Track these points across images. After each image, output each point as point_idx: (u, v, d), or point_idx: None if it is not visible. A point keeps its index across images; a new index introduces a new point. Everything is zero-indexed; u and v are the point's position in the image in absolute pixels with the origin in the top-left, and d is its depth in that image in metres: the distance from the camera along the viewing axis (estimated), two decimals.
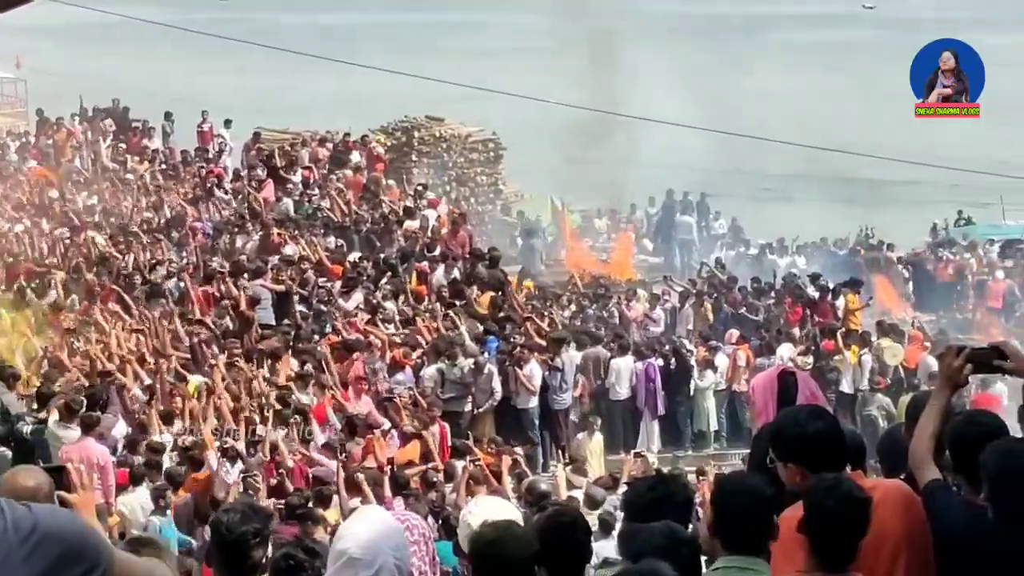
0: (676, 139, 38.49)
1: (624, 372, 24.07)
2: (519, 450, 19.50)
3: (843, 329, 26.37)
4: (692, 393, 24.69)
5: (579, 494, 16.40)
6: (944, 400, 5.92)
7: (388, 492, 16.15)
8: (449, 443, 19.50)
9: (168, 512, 15.77)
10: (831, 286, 29.31)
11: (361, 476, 16.09)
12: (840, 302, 28.45)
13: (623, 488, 15.55)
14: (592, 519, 13.16)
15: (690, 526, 5.79)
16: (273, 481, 16.68)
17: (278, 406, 18.59)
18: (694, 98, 45.23)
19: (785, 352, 24.62)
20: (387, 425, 19.31)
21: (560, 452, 22.51)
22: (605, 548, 10.75)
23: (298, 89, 58.49)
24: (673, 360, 24.59)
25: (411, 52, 58.44)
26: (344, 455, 17.35)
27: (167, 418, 18.69)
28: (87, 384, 19.23)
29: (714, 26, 77.24)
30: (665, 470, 18.35)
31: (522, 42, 66.63)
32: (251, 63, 55.49)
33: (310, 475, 17.46)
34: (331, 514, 15.20)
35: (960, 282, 35.69)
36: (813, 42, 78.18)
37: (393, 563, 5.23)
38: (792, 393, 6.80)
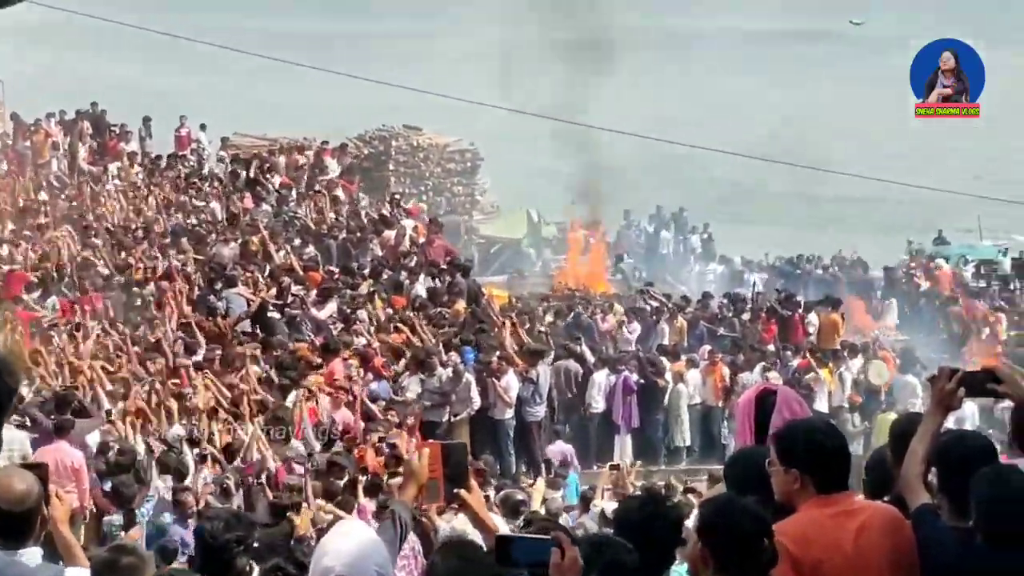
0: (649, 152, 38.53)
1: (600, 385, 24.12)
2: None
3: (818, 347, 26.55)
4: (667, 408, 24.72)
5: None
6: (936, 423, 5.94)
7: (362, 499, 16.10)
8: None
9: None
10: (802, 303, 29.45)
11: (338, 484, 16.08)
12: (813, 319, 28.49)
13: (603, 502, 15.60)
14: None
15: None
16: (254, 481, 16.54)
17: (258, 411, 18.57)
18: (666, 110, 45.23)
19: (759, 369, 24.69)
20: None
21: (532, 465, 22.45)
22: None
23: (272, 95, 58.50)
24: (648, 374, 24.58)
25: (384, 61, 58.41)
26: (314, 464, 17.27)
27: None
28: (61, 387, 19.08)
29: (688, 39, 77.38)
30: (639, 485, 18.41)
31: (497, 51, 66.61)
32: (227, 68, 55.43)
33: (284, 482, 17.36)
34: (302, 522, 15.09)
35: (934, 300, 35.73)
36: (789, 55, 78.44)
37: None
38: (769, 412, 6.72)
